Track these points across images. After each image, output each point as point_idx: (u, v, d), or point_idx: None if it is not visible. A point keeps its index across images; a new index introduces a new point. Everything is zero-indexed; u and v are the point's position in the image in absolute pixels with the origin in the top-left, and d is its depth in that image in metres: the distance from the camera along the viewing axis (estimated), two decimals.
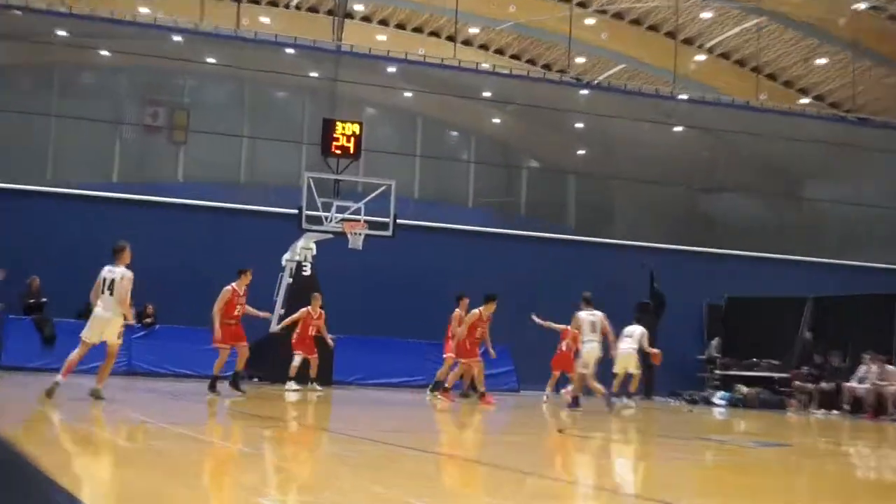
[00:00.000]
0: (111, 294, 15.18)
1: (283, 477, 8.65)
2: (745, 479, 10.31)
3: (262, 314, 20.29)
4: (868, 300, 26.93)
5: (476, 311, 20.99)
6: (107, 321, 15.19)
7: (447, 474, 9.63)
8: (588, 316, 19.95)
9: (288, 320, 23.07)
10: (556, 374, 24.13)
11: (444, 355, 22.24)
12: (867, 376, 24.41)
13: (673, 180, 35.73)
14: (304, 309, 22.79)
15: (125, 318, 15.54)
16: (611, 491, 8.86)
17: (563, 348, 23.69)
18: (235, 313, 19.47)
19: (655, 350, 23.64)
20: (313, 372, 22.80)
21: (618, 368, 22.79)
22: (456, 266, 29.46)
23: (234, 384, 19.64)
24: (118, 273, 15.29)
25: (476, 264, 29.97)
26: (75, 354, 15.18)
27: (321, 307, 22.95)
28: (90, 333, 15.25)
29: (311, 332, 22.63)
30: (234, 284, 19.57)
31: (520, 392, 27.60)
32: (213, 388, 19.14)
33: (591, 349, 19.81)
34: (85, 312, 26.73)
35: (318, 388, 22.47)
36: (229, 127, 32.05)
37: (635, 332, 23.47)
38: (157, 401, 17.91)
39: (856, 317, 24.98)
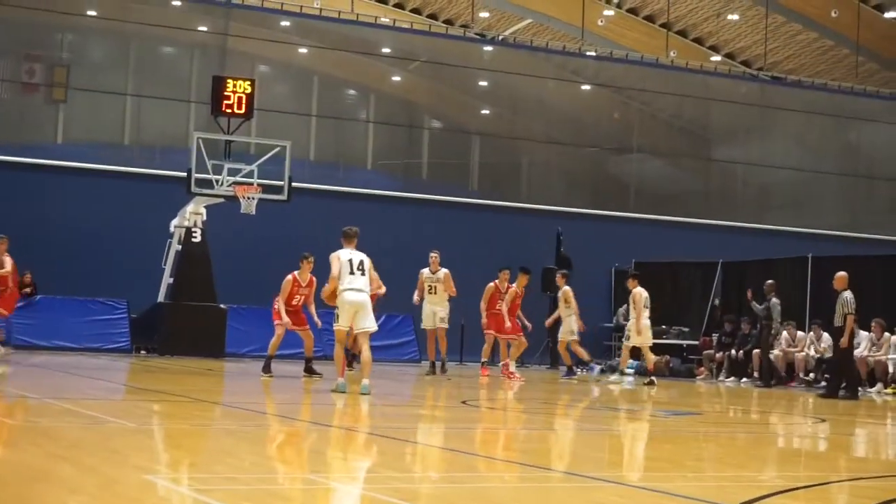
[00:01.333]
0: None
1: (173, 453, 8.66)
2: (656, 448, 10.54)
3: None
4: (780, 264, 27.47)
5: (491, 284, 22.17)
6: None
7: (345, 448, 9.70)
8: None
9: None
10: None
11: None
12: (778, 342, 24.95)
13: (582, 141, 36.04)
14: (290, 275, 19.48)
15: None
16: (518, 463, 9.00)
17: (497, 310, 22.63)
18: (294, 303, 18.86)
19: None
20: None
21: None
22: None
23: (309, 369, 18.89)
24: None
25: (376, 229, 29.92)
26: None
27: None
28: None
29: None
30: (295, 273, 18.87)
31: (421, 362, 27.76)
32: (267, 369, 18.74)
33: (573, 320, 22.97)
34: None
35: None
36: (112, 84, 31.55)
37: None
38: (38, 375, 17.71)
39: (765, 281, 25.43)
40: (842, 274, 19.96)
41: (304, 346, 19.20)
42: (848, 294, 19.65)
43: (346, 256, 15.04)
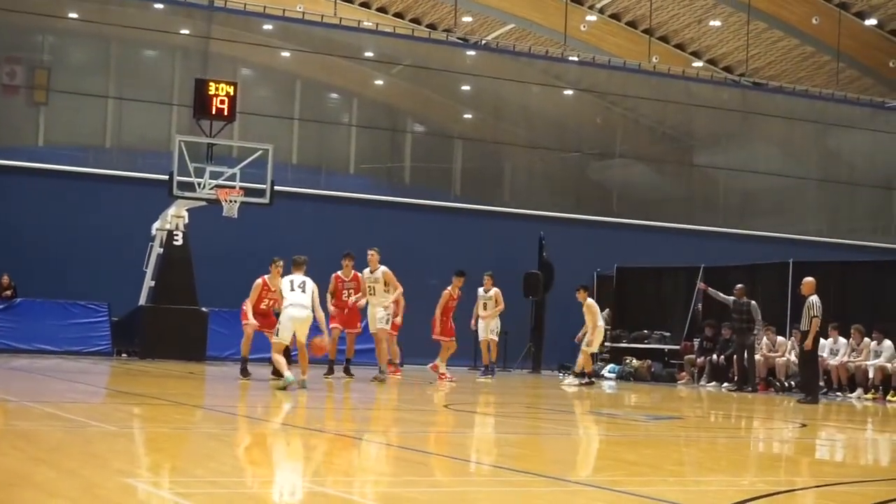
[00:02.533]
0: None
1: (154, 457, 8.63)
2: (636, 453, 10.55)
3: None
4: (761, 269, 27.54)
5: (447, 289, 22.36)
6: None
7: (326, 451, 9.68)
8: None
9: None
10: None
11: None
12: (759, 347, 25.01)
13: (564, 146, 36.09)
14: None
15: None
16: (499, 467, 9.00)
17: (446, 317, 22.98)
18: (262, 306, 18.77)
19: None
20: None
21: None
22: (337, 235, 29.40)
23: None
24: None
25: (358, 233, 29.94)
26: None
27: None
28: None
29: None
30: (266, 277, 18.82)
31: (402, 366, 27.70)
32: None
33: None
34: None
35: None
36: (94, 87, 31.49)
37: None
38: (18, 378, 17.65)
39: (749, 286, 25.51)
40: (809, 280, 20.14)
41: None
42: (814, 298, 19.83)
43: (288, 279, 16.79)
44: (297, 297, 16.46)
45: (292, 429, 11.75)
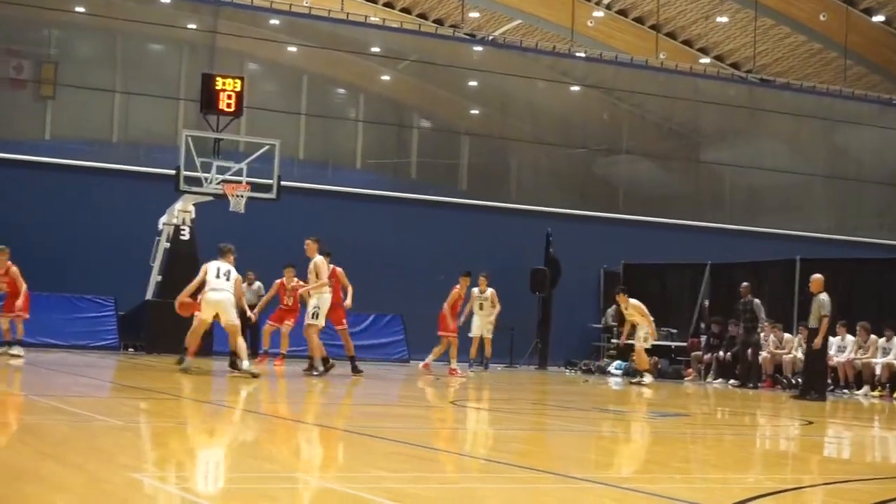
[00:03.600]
0: None
1: (160, 451, 8.63)
2: (643, 450, 10.54)
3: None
4: (767, 266, 27.51)
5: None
6: None
7: (333, 447, 9.68)
8: None
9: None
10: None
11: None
12: (766, 344, 25.00)
13: (571, 142, 36.04)
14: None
15: None
16: (506, 464, 8.99)
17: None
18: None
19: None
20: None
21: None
22: (343, 230, 29.40)
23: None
24: None
25: (364, 228, 29.97)
26: None
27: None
28: None
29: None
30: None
31: (409, 362, 27.75)
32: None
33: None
34: None
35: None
36: (100, 81, 31.47)
37: None
38: (25, 372, 17.66)
39: (755, 283, 25.49)
40: (817, 276, 20.08)
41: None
42: (824, 296, 19.78)
43: (214, 265, 17.83)
44: (219, 283, 17.60)
45: (298, 424, 11.74)
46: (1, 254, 21.47)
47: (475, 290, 24.90)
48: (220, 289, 17.61)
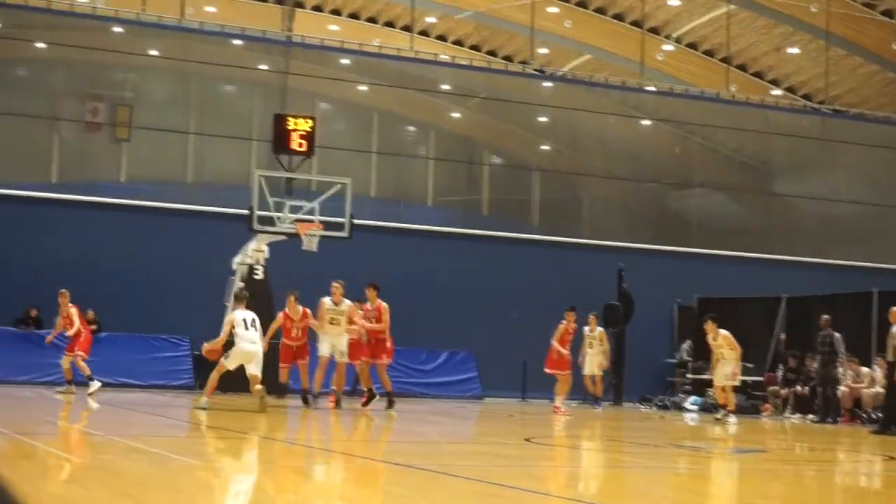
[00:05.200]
0: None
1: (237, 490, 8.65)
2: (721, 486, 10.40)
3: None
4: (844, 300, 27.14)
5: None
6: None
7: (415, 487, 9.64)
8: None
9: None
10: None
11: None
12: (844, 378, 24.62)
13: (642, 176, 35.90)
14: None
15: None
16: (580, 501, 8.91)
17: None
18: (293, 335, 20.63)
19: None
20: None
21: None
22: (416, 268, 29.47)
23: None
24: None
25: (436, 266, 30.00)
26: None
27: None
28: None
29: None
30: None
31: (483, 399, 27.67)
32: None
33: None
34: (23, 319, 26.72)
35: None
36: (174, 123, 31.89)
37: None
38: (103, 412, 17.83)
39: (832, 316, 25.14)
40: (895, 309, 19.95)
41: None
42: None
43: (240, 316, 18.25)
44: (251, 335, 18.13)
45: (372, 462, 11.73)
46: (62, 296, 21.94)
47: (585, 328, 25.58)
48: (253, 341, 18.12)
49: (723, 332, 22.53)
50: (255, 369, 18.01)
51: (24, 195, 28.86)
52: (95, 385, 21.48)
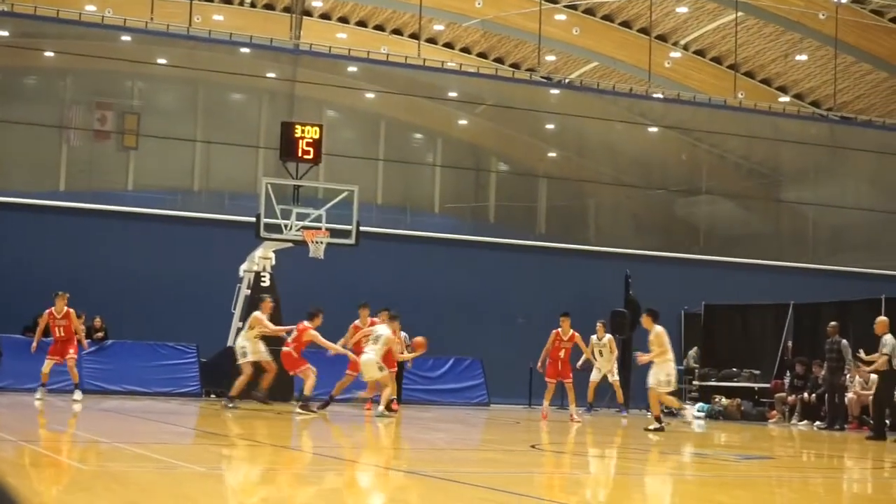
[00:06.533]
0: None
1: (243, 498, 8.68)
2: (728, 493, 10.41)
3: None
4: (852, 306, 27.12)
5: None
6: None
7: (411, 492, 9.67)
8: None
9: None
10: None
11: None
12: (852, 385, 24.61)
13: (649, 183, 35.93)
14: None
15: None
16: None
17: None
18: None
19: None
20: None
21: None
22: (422, 275, 29.52)
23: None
24: None
25: (443, 273, 30.03)
26: None
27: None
28: None
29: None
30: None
31: (489, 406, 27.68)
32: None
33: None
34: (32, 327, 26.77)
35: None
36: (182, 131, 31.97)
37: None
38: (110, 419, 17.87)
39: (840, 323, 25.12)
40: (882, 319, 20.51)
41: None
42: (888, 337, 20.02)
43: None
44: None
45: (379, 469, 11.75)
46: (61, 298, 21.67)
47: (593, 337, 25.69)
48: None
49: (658, 328, 21.24)
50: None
51: (32, 203, 28.95)
52: (79, 395, 21.35)
